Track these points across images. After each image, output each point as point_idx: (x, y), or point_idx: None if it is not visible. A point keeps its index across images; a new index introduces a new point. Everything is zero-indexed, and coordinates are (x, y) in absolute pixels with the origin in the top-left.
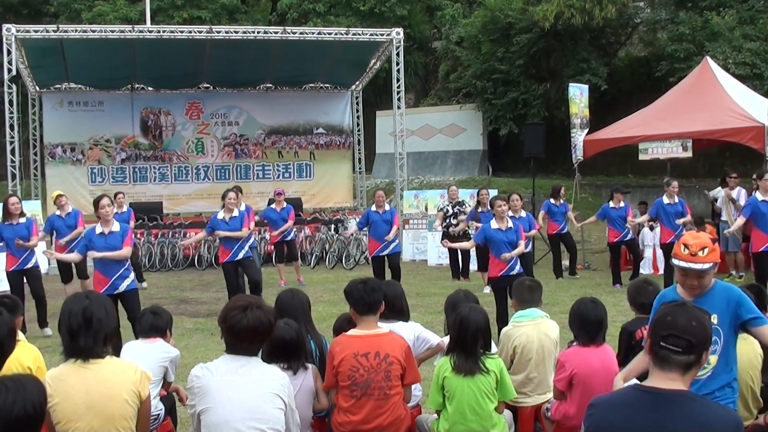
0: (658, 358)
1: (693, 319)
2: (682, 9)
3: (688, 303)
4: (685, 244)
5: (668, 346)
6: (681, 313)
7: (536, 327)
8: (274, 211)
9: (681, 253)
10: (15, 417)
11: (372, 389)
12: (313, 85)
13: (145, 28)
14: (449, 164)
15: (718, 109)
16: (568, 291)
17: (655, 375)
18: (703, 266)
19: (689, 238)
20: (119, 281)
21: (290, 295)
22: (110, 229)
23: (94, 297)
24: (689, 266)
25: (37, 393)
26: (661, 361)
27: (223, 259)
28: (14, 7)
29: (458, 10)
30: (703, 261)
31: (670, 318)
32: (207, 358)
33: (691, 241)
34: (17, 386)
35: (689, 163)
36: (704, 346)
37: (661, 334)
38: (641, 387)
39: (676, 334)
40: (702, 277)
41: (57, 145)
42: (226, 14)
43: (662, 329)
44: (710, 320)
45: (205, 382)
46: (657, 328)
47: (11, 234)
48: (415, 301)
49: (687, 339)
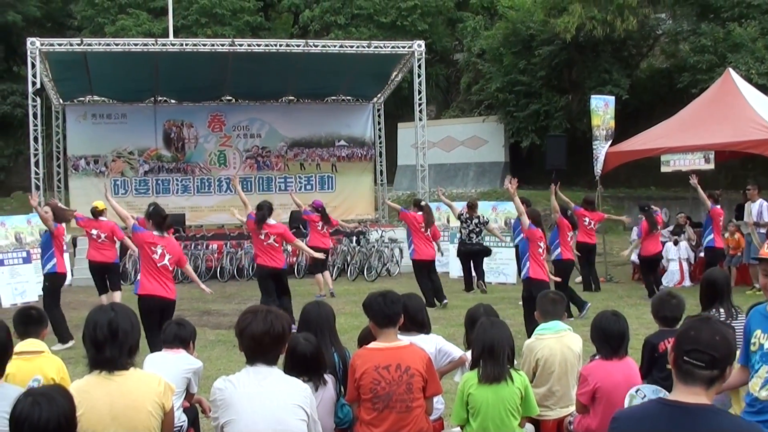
0: (681, 372)
1: (717, 333)
2: (704, 20)
3: (713, 317)
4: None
5: (692, 361)
6: (705, 328)
7: (559, 340)
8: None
9: (765, 251)
10: (50, 430)
11: (394, 402)
12: (335, 98)
13: (168, 41)
14: (471, 176)
15: (741, 120)
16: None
17: (679, 389)
18: None
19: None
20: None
21: (316, 307)
22: None
23: (119, 309)
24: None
25: (67, 404)
26: (684, 376)
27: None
28: (38, 20)
29: (480, 23)
30: None
31: (694, 332)
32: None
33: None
34: (48, 399)
35: (711, 175)
36: (728, 360)
37: (685, 348)
38: (664, 401)
39: (699, 349)
40: None
41: (80, 157)
42: (249, 31)
43: (686, 343)
44: (734, 334)
45: (228, 395)
46: (681, 343)
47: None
48: (436, 314)
49: (710, 354)
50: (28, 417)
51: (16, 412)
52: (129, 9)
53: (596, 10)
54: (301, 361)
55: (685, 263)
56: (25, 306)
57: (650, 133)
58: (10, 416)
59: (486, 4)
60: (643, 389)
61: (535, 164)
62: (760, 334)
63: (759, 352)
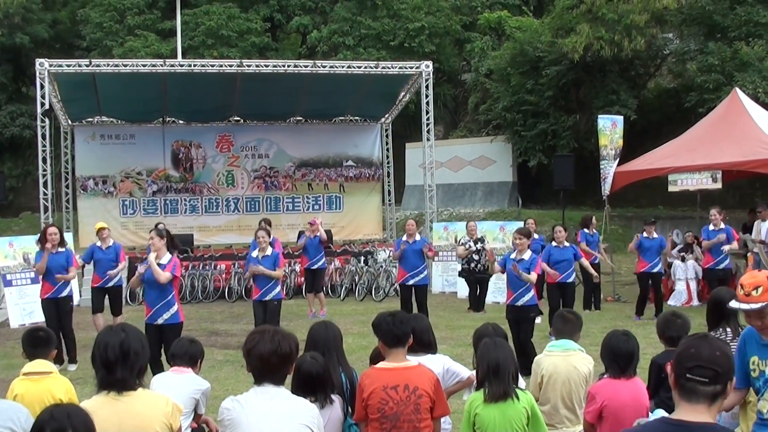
0: (684, 391)
1: (717, 349)
2: (711, 40)
3: (710, 335)
4: (741, 284)
5: (695, 377)
6: (704, 345)
7: (565, 359)
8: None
9: (738, 294)
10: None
11: (401, 422)
12: (343, 118)
13: (176, 62)
14: (479, 196)
15: (748, 140)
16: (599, 323)
17: (682, 407)
18: (753, 306)
19: (746, 277)
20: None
21: (323, 327)
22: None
23: (130, 330)
24: (741, 306)
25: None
26: (687, 394)
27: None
28: (47, 42)
29: (487, 43)
30: (757, 300)
31: (694, 350)
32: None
33: (746, 281)
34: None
35: (719, 195)
36: (729, 376)
37: (687, 365)
38: (668, 420)
39: (701, 365)
40: (761, 317)
41: (89, 177)
42: (257, 52)
43: (687, 361)
44: (730, 349)
45: (235, 415)
46: (682, 360)
47: (52, 263)
48: (444, 334)
49: (713, 369)
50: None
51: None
52: (137, 30)
53: (604, 30)
54: (308, 380)
55: (692, 282)
56: (33, 327)
57: (658, 152)
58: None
59: (493, 25)
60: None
61: (543, 184)
62: (758, 361)
63: (761, 378)
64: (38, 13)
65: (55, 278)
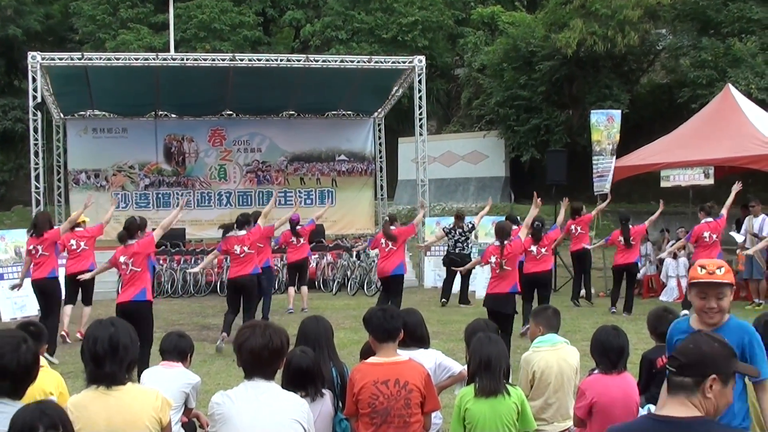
0: (666, 383)
1: (691, 342)
2: (704, 35)
3: (706, 332)
4: (701, 266)
5: (668, 367)
6: (690, 338)
7: (555, 352)
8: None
9: (698, 275)
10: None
11: (392, 417)
12: (336, 112)
13: (169, 55)
14: (471, 191)
15: (740, 136)
16: (590, 318)
17: (668, 402)
18: (721, 280)
19: (704, 261)
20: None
21: (314, 322)
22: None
23: (119, 324)
24: (708, 281)
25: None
26: (667, 385)
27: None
28: (39, 35)
29: (480, 38)
30: (721, 278)
31: (683, 342)
32: (229, 384)
33: (707, 262)
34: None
35: (711, 191)
36: (700, 370)
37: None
38: (655, 416)
39: (674, 355)
40: (720, 297)
41: (81, 171)
42: (249, 46)
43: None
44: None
45: (225, 409)
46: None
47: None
48: (436, 328)
49: (678, 359)
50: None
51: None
52: (130, 24)
53: (597, 26)
54: (298, 375)
55: (683, 280)
56: (24, 321)
57: (650, 148)
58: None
59: (487, 20)
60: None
61: (536, 179)
62: None
63: None
64: (31, 5)
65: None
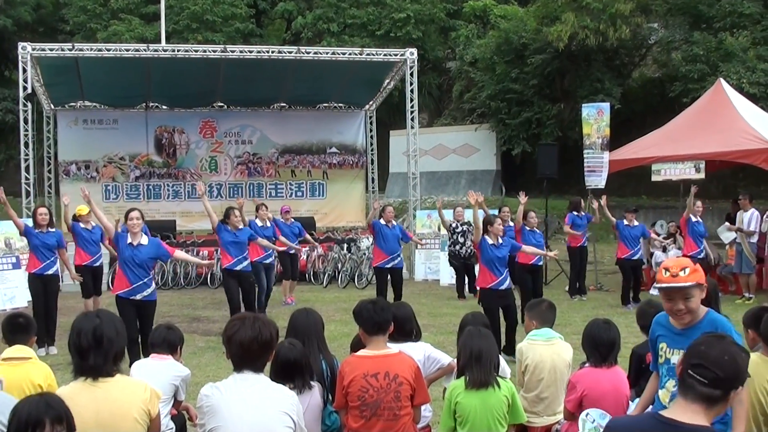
0: (684, 386)
1: (726, 353)
2: (696, 30)
3: (728, 337)
4: (665, 268)
5: (695, 375)
6: (716, 345)
7: (549, 347)
8: (285, 224)
9: (663, 277)
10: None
11: (382, 410)
12: (327, 105)
13: (160, 47)
14: (462, 184)
15: (732, 130)
16: (581, 312)
17: (678, 404)
18: (684, 284)
19: (669, 262)
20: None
21: (304, 315)
22: (138, 241)
23: (104, 316)
24: (671, 285)
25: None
26: (685, 390)
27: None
28: (30, 25)
29: (472, 31)
30: (685, 280)
31: (704, 347)
32: (218, 376)
33: (671, 264)
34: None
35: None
36: (732, 383)
37: (691, 362)
38: (661, 417)
39: (704, 365)
40: (687, 298)
41: (71, 162)
42: (241, 38)
43: (693, 357)
44: (746, 359)
45: (214, 401)
46: (689, 356)
47: (39, 241)
48: (427, 321)
49: (714, 372)
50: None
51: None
52: (121, 14)
53: (589, 19)
54: (286, 367)
55: None
56: (13, 313)
57: (641, 142)
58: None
59: (479, 13)
60: (592, 413)
61: (527, 172)
62: (666, 348)
63: (665, 365)
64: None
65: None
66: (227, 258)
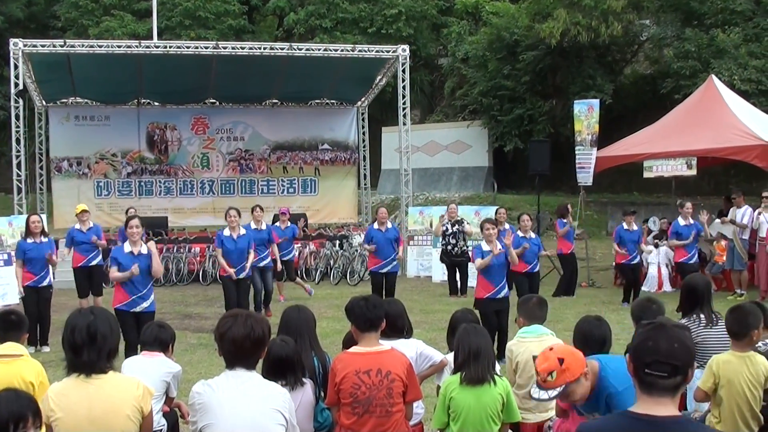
0: (644, 384)
1: (674, 340)
2: (687, 26)
3: (667, 323)
4: (536, 370)
5: (653, 372)
6: (662, 336)
7: (540, 344)
8: (279, 229)
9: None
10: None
11: (374, 406)
12: (319, 101)
13: (152, 43)
14: (454, 181)
15: (723, 127)
16: (573, 308)
17: (644, 400)
18: (552, 392)
19: (539, 360)
20: (140, 300)
21: (296, 312)
22: (139, 249)
23: (99, 313)
24: (546, 395)
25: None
26: (648, 387)
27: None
28: (21, 21)
29: (464, 27)
30: (554, 385)
31: (652, 343)
32: (210, 373)
33: (540, 366)
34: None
35: (694, 181)
36: (689, 365)
37: (645, 360)
38: (632, 414)
39: (660, 360)
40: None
41: (63, 159)
42: (233, 34)
43: (645, 355)
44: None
45: (206, 399)
46: (639, 354)
47: (35, 253)
48: (419, 318)
49: (671, 363)
50: None
51: None
52: (113, 11)
53: (581, 16)
54: (278, 363)
55: (665, 268)
56: (5, 310)
57: (633, 138)
58: None
59: (471, 10)
60: None
61: (519, 169)
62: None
63: None
64: None
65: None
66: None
